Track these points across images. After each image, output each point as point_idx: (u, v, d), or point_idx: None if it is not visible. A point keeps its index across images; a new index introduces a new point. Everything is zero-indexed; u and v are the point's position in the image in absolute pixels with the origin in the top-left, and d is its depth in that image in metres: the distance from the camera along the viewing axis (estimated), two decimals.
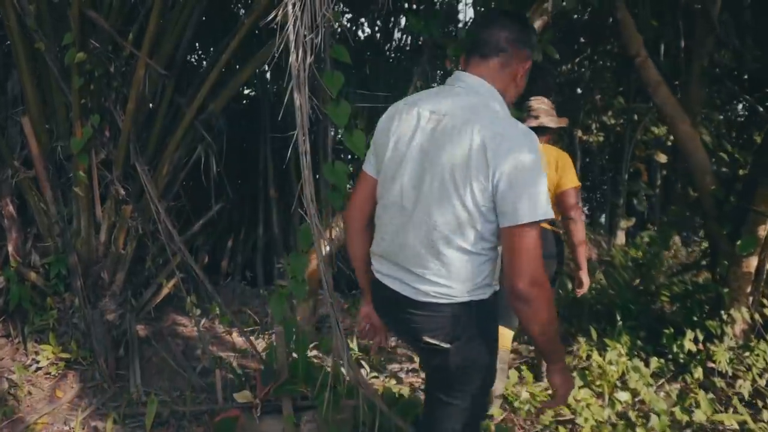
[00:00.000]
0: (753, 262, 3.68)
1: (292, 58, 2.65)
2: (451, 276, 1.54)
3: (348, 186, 3.00)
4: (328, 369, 2.85)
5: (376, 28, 8.42)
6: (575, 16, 8.47)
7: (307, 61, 2.69)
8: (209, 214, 4.30)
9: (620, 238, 7.67)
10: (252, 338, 4.58)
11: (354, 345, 4.34)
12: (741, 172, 3.85)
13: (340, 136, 4.63)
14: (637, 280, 4.87)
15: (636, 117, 8.23)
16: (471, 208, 1.48)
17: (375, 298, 1.83)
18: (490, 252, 1.56)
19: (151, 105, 3.94)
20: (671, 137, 8.43)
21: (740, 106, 6.16)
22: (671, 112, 3.98)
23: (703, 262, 4.23)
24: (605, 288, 4.71)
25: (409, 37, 8.09)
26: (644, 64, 4.09)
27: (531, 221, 1.42)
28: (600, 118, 7.91)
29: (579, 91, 9.02)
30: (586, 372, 3.54)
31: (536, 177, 1.43)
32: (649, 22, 4.57)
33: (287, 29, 2.61)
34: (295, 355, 3.18)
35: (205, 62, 5.95)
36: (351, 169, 5.42)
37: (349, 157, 6.40)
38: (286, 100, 2.65)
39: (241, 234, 7.61)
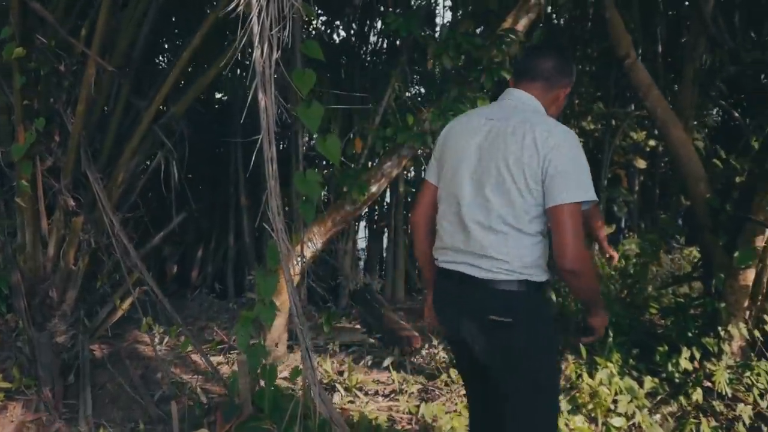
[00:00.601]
0: (750, 275, 3.45)
1: (256, 53, 2.33)
2: (509, 252, 1.72)
3: (322, 195, 2.69)
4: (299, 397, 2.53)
5: (352, 31, 8.13)
6: (554, 20, 8.30)
7: (273, 57, 2.37)
8: (170, 226, 3.94)
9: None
10: (219, 358, 4.24)
11: (328, 366, 4.02)
12: (738, 179, 3.61)
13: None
14: (625, 291, 4.63)
15: (615, 122, 8.06)
16: (524, 192, 1.70)
17: (438, 289, 1.97)
18: (539, 235, 1.76)
19: (105, 108, 3.58)
20: (650, 142, 8.29)
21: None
22: (663, 116, 3.74)
23: (695, 274, 4.01)
24: None
25: (386, 41, 7.84)
26: (634, 66, 3.86)
27: (574, 201, 1.65)
28: (579, 123, 7.70)
29: None
30: (577, 395, 3.27)
31: (578, 165, 1.69)
32: (638, 23, 4.34)
33: (250, 21, 2.29)
34: (262, 382, 2.85)
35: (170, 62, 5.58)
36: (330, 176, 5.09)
37: (324, 163, 6.08)
38: (249, 101, 2.33)
39: (211, 243, 7.26)
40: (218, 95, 7.30)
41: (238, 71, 5.98)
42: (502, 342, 1.77)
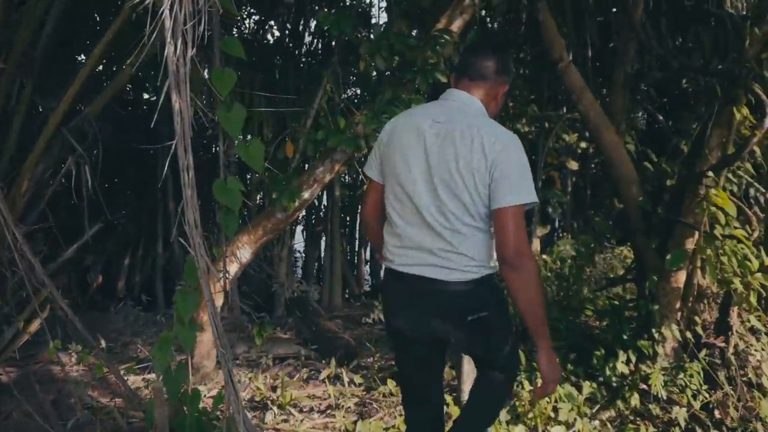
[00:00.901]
0: (681, 277, 3.47)
1: (168, 50, 2.11)
2: (470, 251, 1.79)
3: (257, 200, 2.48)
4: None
5: (286, 32, 7.89)
6: (488, 23, 8.32)
7: (188, 55, 2.16)
8: (84, 238, 3.62)
9: (535, 245, 7.51)
10: (145, 377, 3.93)
11: (260, 382, 3.80)
12: (669, 182, 3.63)
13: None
14: (560, 294, 4.62)
15: (548, 125, 8.16)
16: (474, 194, 1.76)
17: (394, 292, 1.97)
18: (490, 231, 1.82)
19: (4, 109, 3.24)
20: (581, 144, 8.43)
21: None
22: (596, 119, 3.73)
23: (629, 276, 4.02)
24: None
25: (320, 42, 7.67)
26: (567, 69, 3.83)
27: (518, 204, 1.72)
28: (514, 125, 7.74)
29: None
30: (517, 404, 3.19)
31: (522, 168, 1.76)
32: (571, 27, 4.34)
33: (162, 14, 2.07)
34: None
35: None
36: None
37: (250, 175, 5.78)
38: (161, 103, 2.11)
39: (139, 251, 6.87)
40: (146, 96, 6.94)
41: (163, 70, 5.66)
42: (481, 333, 1.86)
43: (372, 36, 3.39)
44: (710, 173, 3.22)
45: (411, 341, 1.95)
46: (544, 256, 6.03)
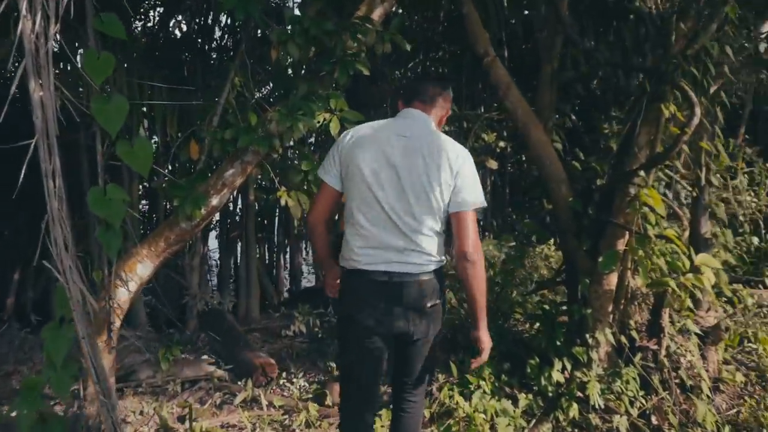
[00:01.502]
0: (614, 279, 3.33)
1: (23, 26, 1.66)
2: (431, 249, 2.02)
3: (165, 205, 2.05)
4: None
5: (195, 27, 7.32)
6: (405, 22, 8.10)
7: (50, 32, 1.71)
8: None
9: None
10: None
11: (165, 412, 3.32)
12: (599, 182, 3.49)
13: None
14: (489, 298, 4.41)
15: (467, 124, 8.04)
16: (440, 201, 2.01)
17: (358, 289, 2.07)
18: (444, 233, 2.07)
19: None
20: (500, 144, 8.37)
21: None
22: (524, 117, 3.53)
23: (558, 278, 3.87)
24: (457, 310, 4.20)
25: (232, 37, 7.17)
26: (493, 63, 3.61)
27: (475, 206, 2.02)
28: None
29: None
30: (452, 424, 2.92)
31: (476, 178, 2.08)
32: (494, 20, 4.14)
33: None
34: None
35: None
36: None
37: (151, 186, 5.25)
38: (14, 90, 1.66)
39: (32, 264, 6.09)
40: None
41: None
42: (433, 318, 2.10)
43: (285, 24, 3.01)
44: (641, 172, 3.09)
45: (372, 334, 2.05)
46: None
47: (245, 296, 5.60)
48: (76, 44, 3.58)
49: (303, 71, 3.04)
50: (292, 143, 3.15)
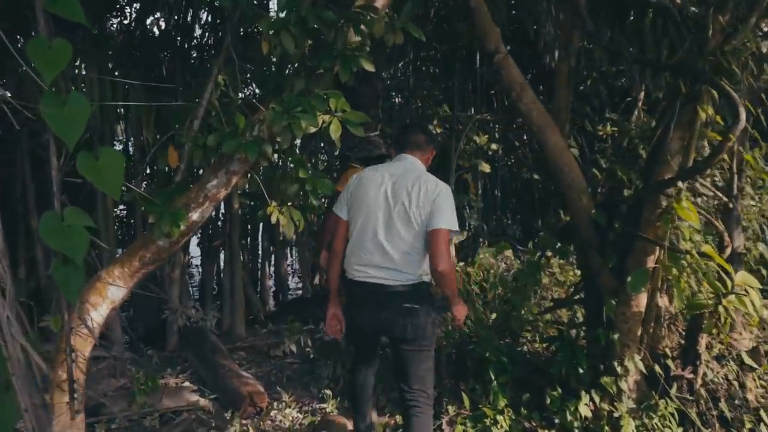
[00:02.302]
0: (643, 300, 2.96)
1: None
2: (412, 266, 2.48)
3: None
4: None
5: (174, 24, 6.84)
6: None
7: None
8: None
9: (450, 252, 6.97)
10: None
11: None
12: (626, 192, 3.12)
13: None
14: (494, 315, 4.04)
15: (459, 126, 7.69)
16: (420, 226, 2.47)
17: (353, 295, 2.62)
18: (426, 250, 2.49)
19: None
20: (492, 146, 8.01)
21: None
22: (539, 120, 3.15)
23: (576, 296, 3.50)
24: (464, 333, 3.81)
25: (213, 35, 6.71)
26: (504, 62, 3.22)
27: (445, 228, 2.43)
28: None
29: (398, 100, 8.29)
30: None
31: (450, 206, 2.49)
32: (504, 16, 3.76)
33: None
34: None
35: None
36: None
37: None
38: None
39: None
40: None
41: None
42: (411, 320, 2.45)
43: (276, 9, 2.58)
44: (678, 182, 2.72)
45: (367, 330, 2.62)
46: (469, 269, 5.47)
47: (230, 311, 5.14)
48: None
49: (297, 68, 2.60)
50: (282, 149, 2.71)
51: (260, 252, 7.87)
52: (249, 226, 7.86)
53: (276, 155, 2.80)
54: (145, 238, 2.86)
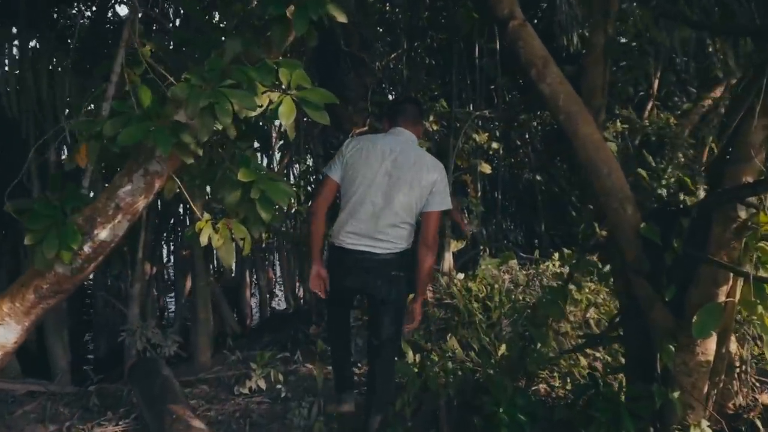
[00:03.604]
0: (711, 345, 2.16)
1: None
2: (403, 238, 2.57)
3: None
4: None
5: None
6: (386, 13, 6.90)
7: None
8: None
9: (448, 261, 6.16)
10: None
11: None
12: (685, 199, 2.31)
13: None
14: (502, 348, 3.22)
15: (458, 124, 6.89)
16: (418, 203, 2.53)
17: (342, 260, 2.61)
18: (414, 225, 2.60)
19: None
20: (493, 145, 7.22)
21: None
22: (568, 105, 2.34)
23: (615, 333, 2.69)
24: (467, 370, 3.00)
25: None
26: (522, 31, 2.42)
27: (441, 210, 2.58)
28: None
29: (391, 95, 7.48)
30: None
31: (446, 187, 2.60)
32: None
33: None
34: None
35: None
36: None
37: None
38: None
39: None
40: None
41: None
42: (395, 285, 2.59)
43: None
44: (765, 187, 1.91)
45: (349, 291, 2.75)
46: (470, 284, 4.68)
47: (195, 333, 4.32)
48: None
49: (236, 24, 1.79)
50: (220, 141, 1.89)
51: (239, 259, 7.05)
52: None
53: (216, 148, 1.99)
54: (39, 267, 2.03)
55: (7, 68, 3.70)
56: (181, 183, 2.02)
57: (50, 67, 3.61)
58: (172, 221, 6.40)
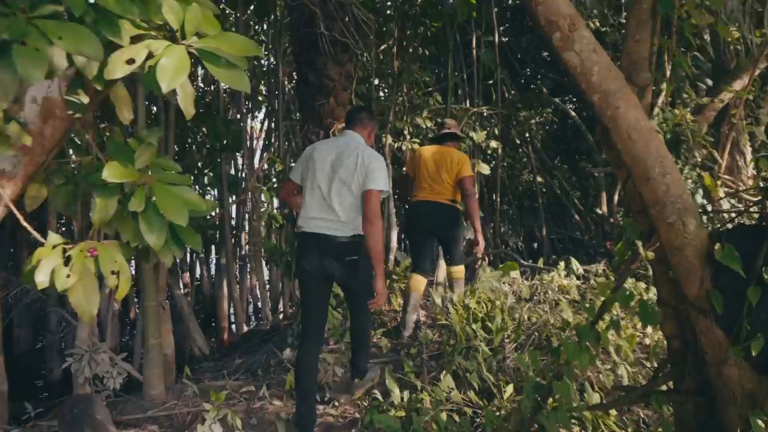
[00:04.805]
0: None
1: None
2: (348, 219, 2.78)
3: None
4: None
5: None
6: (377, 3, 6.21)
7: None
8: None
9: (444, 272, 5.47)
10: None
11: None
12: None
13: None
14: (508, 388, 2.54)
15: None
16: (355, 187, 2.77)
17: (304, 245, 2.84)
18: (359, 209, 2.79)
19: None
20: (492, 144, 6.55)
21: None
22: (604, 81, 1.67)
23: (662, 385, 2.01)
24: (466, 425, 2.31)
25: None
26: None
27: (375, 189, 2.75)
28: (413, 120, 5.67)
29: (382, 91, 6.81)
30: None
31: (381, 171, 2.81)
32: None
33: None
34: None
35: None
36: None
37: None
38: None
39: None
40: None
41: None
42: (352, 268, 2.80)
43: None
44: None
45: (313, 277, 2.83)
46: (468, 301, 4.00)
47: (145, 362, 3.62)
48: None
49: None
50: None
51: (217, 267, 6.37)
52: (209, 232, 6.35)
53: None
54: None
55: None
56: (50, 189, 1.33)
57: None
58: None
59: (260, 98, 8.42)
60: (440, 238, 4.10)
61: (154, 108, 5.31)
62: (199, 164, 6.26)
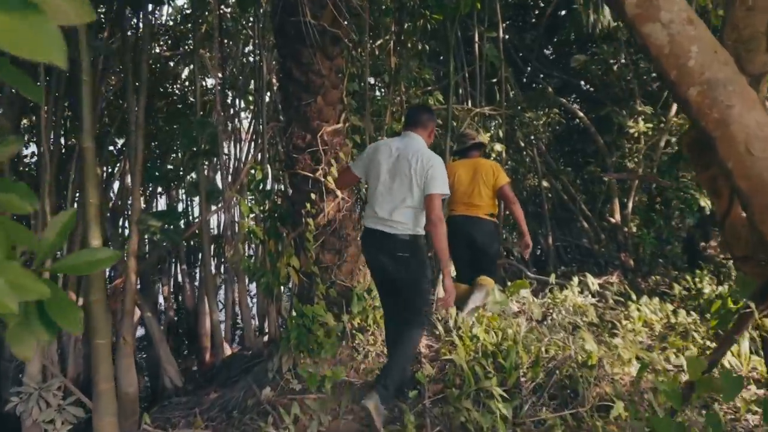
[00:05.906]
0: None
1: None
2: (407, 220, 2.87)
3: None
4: None
5: None
6: None
7: None
8: None
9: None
10: None
11: None
12: None
13: None
14: None
15: (455, 122, 5.65)
16: (416, 188, 2.83)
17: (365, 242, 3.04)
18: (419, 209, 2.88)
19: None
20: (496, 147, 5.97)
21: None
22: (709, 69, 1.08)
23: None
24: None
25: None
26: None
27: (437, 192, 2.81)
28: None
29: (378, 90, 6.20)
30: None
31: (442, 174, 2.85)
32: None
33: None
34: None
35: None
36: None
37: None
38: None
39: None
40: None
41: None
42: (404, 265, 2.88)
43: None
44: None
45: (374, 269, 3.07)
46: (476, 330, 3.39)
47: (93, 410, 3.01)
48: None
49: None
50: None
51: (199, 282, 5.77)
52: (192, 242, 5.75)
53: None
54: None
55: None
56: None
57: None
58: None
59: (250, 98, 7.82)
60: (477, 255, 4.05)
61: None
62: (181, 171, 5.67)
